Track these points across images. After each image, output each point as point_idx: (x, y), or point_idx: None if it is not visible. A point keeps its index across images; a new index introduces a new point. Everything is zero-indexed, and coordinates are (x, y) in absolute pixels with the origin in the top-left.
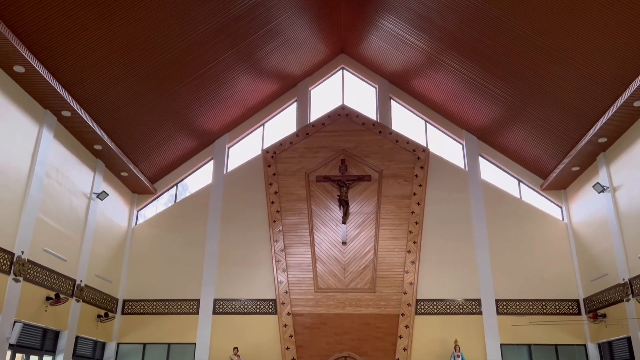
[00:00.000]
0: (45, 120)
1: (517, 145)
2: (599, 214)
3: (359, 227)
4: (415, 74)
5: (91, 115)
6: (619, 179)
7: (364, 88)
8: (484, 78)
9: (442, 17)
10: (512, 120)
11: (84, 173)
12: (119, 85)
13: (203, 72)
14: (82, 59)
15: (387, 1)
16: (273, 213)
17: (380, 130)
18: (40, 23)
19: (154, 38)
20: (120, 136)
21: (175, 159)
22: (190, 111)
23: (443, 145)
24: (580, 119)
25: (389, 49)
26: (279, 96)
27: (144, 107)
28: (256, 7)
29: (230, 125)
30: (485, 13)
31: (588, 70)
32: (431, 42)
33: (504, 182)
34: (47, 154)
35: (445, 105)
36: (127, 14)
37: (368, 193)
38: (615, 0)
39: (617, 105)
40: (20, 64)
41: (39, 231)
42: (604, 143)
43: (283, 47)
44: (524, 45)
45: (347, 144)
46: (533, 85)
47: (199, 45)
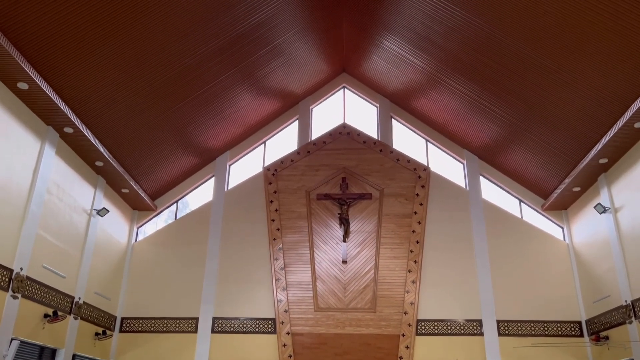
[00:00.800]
0: (48, 136)
1: (518, 165)
2: (601, 234)
3: (359, 246)
4: (416, 93)
5: (93, 132)
6: (621, 200)
7: (365, 107)
8: (485, 98)
9: (444, 38)
10: (513, 140)
11: (84, 189)
12: (121, 103)
13: (205, 91)
14: (85, 76)
15: (389, 22)
16: (273, 231)
17: (381, 149)
18: (45, 40)
19: (157, 57)
20: (122, 153)
21: (176, 176)
22: (192, 129)
23: (444, 164)
24: (581, 140)
25: (391, 69)
26: (280, 114)
27: (146, 124)
28: (258, 27)
29: (231, 143)
30: (486, 35)
31: (589, 91)
32: (433, 62)
33: (505, 202)
34: (48, 170)
35: (446, 125)
36: (131, 32)
37: (369, 211)
38: (616, 24)
39: (617, 126)
40: (24, 81)
41: (38, 247)
42: (605, 164)
43: (285, 66)
44: (525, 66)
45: (348, 162)
46: (534, 105)
47: (200, 64)
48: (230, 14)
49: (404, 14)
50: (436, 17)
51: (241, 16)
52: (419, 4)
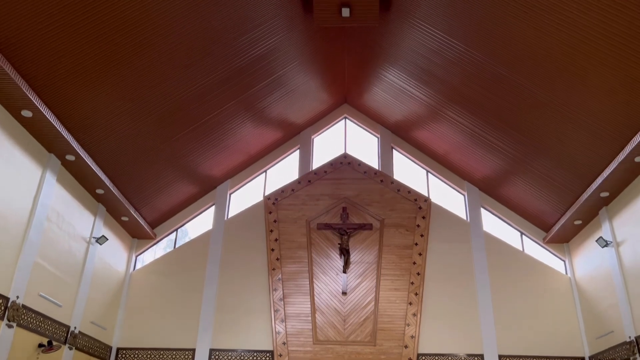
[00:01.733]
0: (50, 164)
1: (519, 197)
2: (603, 268)
3: (359, 277)
4: (417, 124)
5: (95, 159)
6: (622, 233)
7: (366, 137)
8: (485, 131)
9: (446, 71)
10: (514, 173)
11: (84, 217)
12: (124, 131)
13: (206, 120)
14: (88, 104)
15: (390, 55)
16: (273, 261)
17: (382, 179)
18: (50, 69)
19: (159, 87)
20: (123, 181)
21: (177, 204)
22: (193, 158)
23: (445, 195)
24: (582, 173)
25: (392, 100)
26: (282, 144)
27: (147, 152)
28: (261, 59)
29: (232, 172)
30: (488, 69)
31: (589, 125)
32: (434, 95)
33: (506, 234)
34: (49, 198)
35: (447, 156)
36: (134, 63)
37: (369, 242)
38: (615, 60)
39: (618, 160)
40: (28, 109)
41: (35, 276)
42: (606, 197)
43: (287, 96)
44: (526, 100)
45: (349, 192)
46: (535, 138)
47: (202, 94)
48: (233, 46)
49: (405, 47)
50: (437, 50)
51: (244, 48)
52: (421, 37)
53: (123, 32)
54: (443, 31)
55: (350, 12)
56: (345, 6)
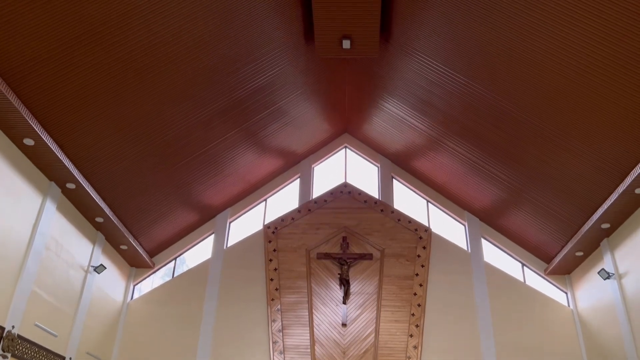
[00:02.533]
0: (50, 192)
1: (519, 228)
2: (606, 300)
3: (359, 308)
4: (417, 154)
5: (95, 188)
6: (625, 266)
7: (366, 167)
8: (485, 161)
9: (445, 102)
10: (515, 204)
11: (83, 245)
12: (124, 160)
13: (207, 150)
14: (90, 133)
15: (391, 86)
16: (272, 291)
17: (382, 209)
18: (53, 99)
19: (161, 116)
20: (122, 209)
21: (176, 233)
22: (193, 187)
23: (445, 225)
24: (583, 205)
25: (392, 130)
26: (282, 172)
27: (148, 181)
28: (262, 88)
29: (232, 200)
30: (487, 101)
31: (589, 156)
32: (433, 125)
33: (508, 265)
34: (48, 226)
35: (447, 186)
36: (136, 92)
37: (369, 272)
38: (614, 92)
39: (618, 192)
40: (30, 137)
41: (32, 305)
42: (608, 229)
43: (287, 126)
44: (525, 131)
45: (349, 222)
46: (535, 169)
47: (204, 124)
48: (235, 76)
49: (405, 78)
50: (437, 82)
51: (246, 78)
52: (420, 69)
53: (125, 63)
54: (442, 63)
55: (350, 44)
56: (346, 38)
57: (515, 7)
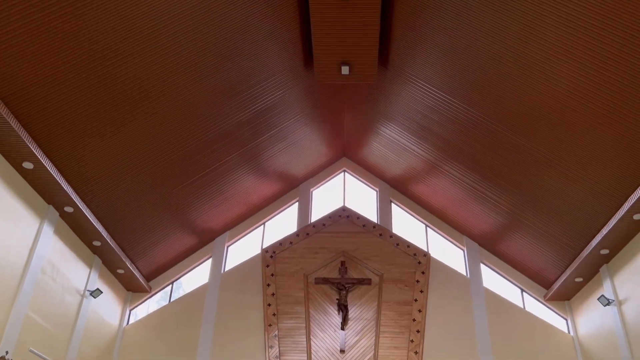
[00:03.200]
0: (48, 215)
1: (518, 253)
2: (606, 327)
3: (358, 334)
4: (415, 179)
5: (93, 211)
6: (624, 292)
7: (365, 191)
8: (483, 186)
9: (443, 127)
10: (513, 229)
11: (79, 269)
12: (123, 183)
13: (206, 173)
14: (90, 156)
15: (389, 111)
16: (269, 316)
17: (380, 233)
18: (53, 122)
19: (160, 140)
20: (120, 233)
21: (173, 256)
22: (192, 210)
23: (444, 250)
24: (581, 230)
25: (390, 155)
26: (280, 196)
27: (146, 204)
28: (262, 113)
29: (230, 224)
30: (485, 126)
31: (587, 182)
32: (431, 150)
33: (507, 291)
34: (45, 250)
35: (446, 211)
36: (136, 116)
37: (368, 297)
38: (610, 119)
39: (616, 217)
40: (29, 161)
41: (26, 330)
42: (607, 255)
43: (287, 150)
44: (523, 157)
45: (348, 246)
46: (533, 195)
47: (203, 147)
48: (235, 100)
49: (403, 103)
50: (434, 107)
51: (246, 103)
52: (418, 94)
53: (126, 88)
54: (440, 89)
55: (349, 70)
56: (345, 64)
57: (513, 35)
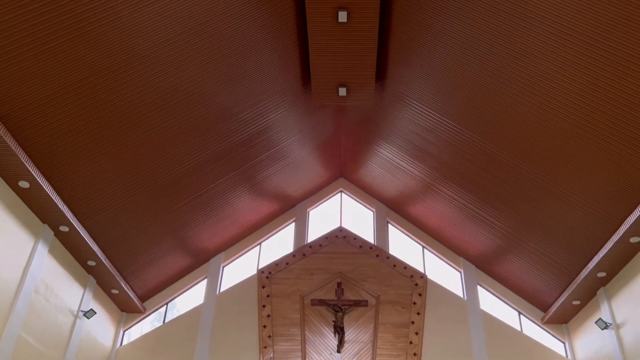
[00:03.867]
0: (43, 234)
1: (515, 275)
2: (604, 351)
3: (354, 357)
4: (412, 199)
5: (88, 231)
6: (622, 315)
7: (361, 211)
8: (480, 208)
9: (439, 149)
10: (510, 251)
11: (74, 289)
12: (119, 203)
13: (203, 193)
14: (86, 176)
15: (386, 132)
16: (264, 338)
17: (377, 254)
18: (50, 142)
19: (157, 160)
20: (115, 253)
21: (168, 277)
22: (188, 230)
23: (441, 272)
24: (578, 253)
25: (387, 176)
26: (277, 216)
27: (142, 224)
28: (260, 133)
29: (226, 244)
30: (480, 148)
31: (583, 205)
32: (428, 171)
33: (504, 313)
34: (39, 269)
35: (443, 232)
36: (133, 137)
37: (365, 319)
38: (606, 142)
39: (613, 240)
40: (26, 180)
41: (19, 350)
42: (604, 278)
43: (284, 170)
44: (519, 179)
45: (344, 267)
46: (529, 217)
47: (200, 167)
48: (233, 120)
49: (399, 124)
50: (431, 129)
51: (243, 123)
52: (414, 116)
53: (123, 109)
54: (436, 110)
55: (346, 92)
56: (342, 86)
57: (508, 60)
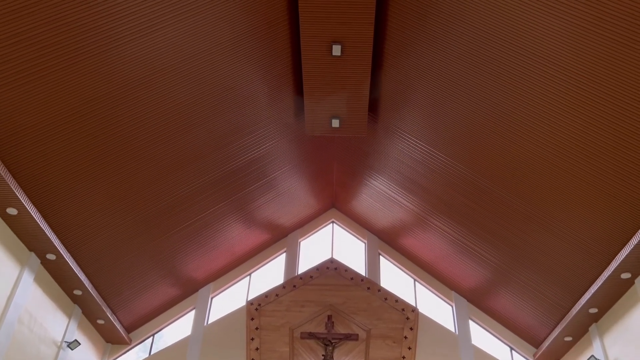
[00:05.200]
0: (29, 262)
1: (507, 310)
2: None
3: None
4: (403, 232)
5: (76, 259)
6: (614, 352)
7: (353, 242)
8: (471, 241)
9: (430, 181)
10: (501, 285)
11: (58, 319)
12: (108, 232)
13: (194, 222)
14: (76, 204)
15: (377, 163)
16: None
17: (369, 287)
18: (41, 169)
19: (148, 189)
20: (102, 282)
21: (156, 307)
22: (177, 260)
23: (432, 305)
24: (570, 288)
25: (379, 207)
26: (268, 246)
27: (130, 253)
28: (252, 163)
29: (215, 275)
30: (471, 180)
31: (574, 239)
32: (419, 203)
33: (496, 349)
34: (23, 298)
35: (434, 265)
36: (126, 165)
37: (355, 354)
38: (596, 178)
39: (604, 276)
40: (14, 207)
41: None
42: (596, 314)
43: (276, 200)
44: (510, 212)
45: (335, 299)
46: (521, 251)
47: (191, 197)
48: (225, 150)
49: (391, 156)
50: (422, 161)
51: (236, 153)
52: (406, 148)
53: (114, 138)
54: (427, 143)
55: (339, 123)
56: (335, 118)
57: (497, 91)
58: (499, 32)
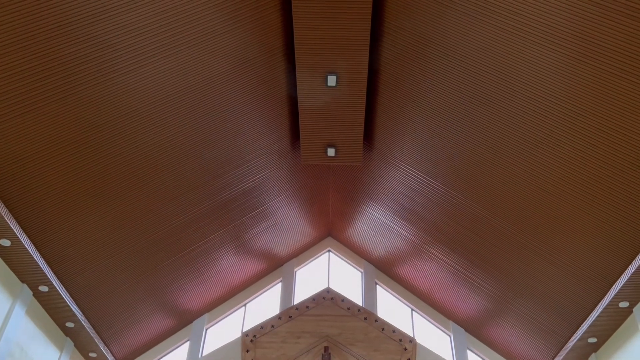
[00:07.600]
0: (21, 295)
1: (505, 340)
2: None
3: None
4: (400, 261)
5: (69, 291)
6: None
7: (349, 272)
8: (469, 270)
9: (427, 210)
10: (499, 315)
11: (49, 352)
12: (102, 262)
13: (189, 251)
14: (70, 235)
15: (374, 192)
16: None
17: (365, 317)
18: (33, 198)
19: (143, 219)
20: (95, 314)
21: (149, 339)
22: (171, 290)
23: (430, 335)
24: (568, 317)
25: (375, 236)
26: (264, 276)
27: (124, 284)
28: (248, 192)
29: (210, 305)
30: (468, 210)
31: (571, 269)
32: (416, 232)
33: None
34: (15, 332)
35: (431, 294)
36: (118, 197)
37: None
38: (592, 207)
39: (602, 305)
40: (7, 238)
41: None
42: (595, 343)
43: (271, 229)
44: (508, 242)
45: (332, 330)
46: (518, 280)
47: (186, 227)
48: (221, 179)
49: (387, 185)
50: (418, 190)
51: (232, 182)
52: (402, 177)
53: (109, 168)
54: (423, 172)
55: (335, 152)
56: (331, 147)
57: (492, 122)
58: (494, 64)
